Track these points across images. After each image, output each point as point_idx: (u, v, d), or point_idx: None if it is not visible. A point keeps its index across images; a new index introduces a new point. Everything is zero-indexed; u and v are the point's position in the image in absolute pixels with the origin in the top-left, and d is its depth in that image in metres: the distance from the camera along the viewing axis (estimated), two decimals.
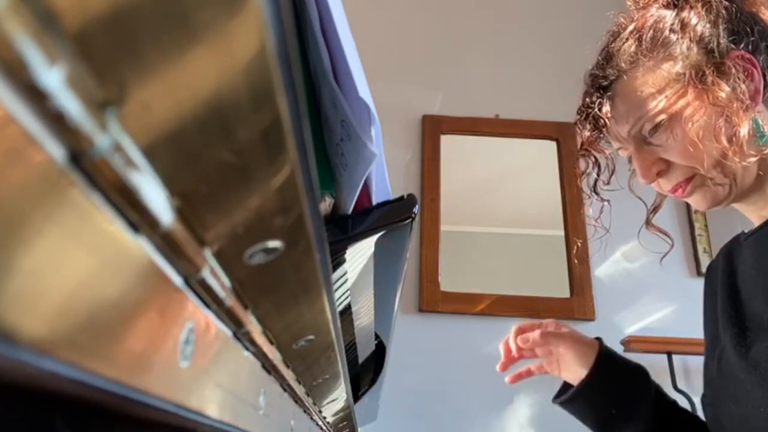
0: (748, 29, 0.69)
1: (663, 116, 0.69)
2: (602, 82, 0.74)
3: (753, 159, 0.66)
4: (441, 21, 2.59)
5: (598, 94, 0.74)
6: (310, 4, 0.42)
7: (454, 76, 2.47)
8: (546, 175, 2.34)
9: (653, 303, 2.11)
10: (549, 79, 2.42)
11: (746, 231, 0.77)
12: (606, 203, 0.84)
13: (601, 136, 0.76)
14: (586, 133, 0.77)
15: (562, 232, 2.23)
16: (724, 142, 0.65)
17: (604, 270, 2.17)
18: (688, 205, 2.25)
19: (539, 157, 2.43)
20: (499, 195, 2.77)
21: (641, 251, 2.19)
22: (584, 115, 0.76)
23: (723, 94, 0.65)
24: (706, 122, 0.66)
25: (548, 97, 2.38)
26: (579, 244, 2.09)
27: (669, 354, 1.86)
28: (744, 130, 0.64)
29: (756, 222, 0.74)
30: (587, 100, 0.76)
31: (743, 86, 0.66)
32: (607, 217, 0.85)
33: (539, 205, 2.46)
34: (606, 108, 0.73)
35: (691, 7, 0.70)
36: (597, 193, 0.84)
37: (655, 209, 0.86)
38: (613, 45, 0.74)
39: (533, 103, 2.40)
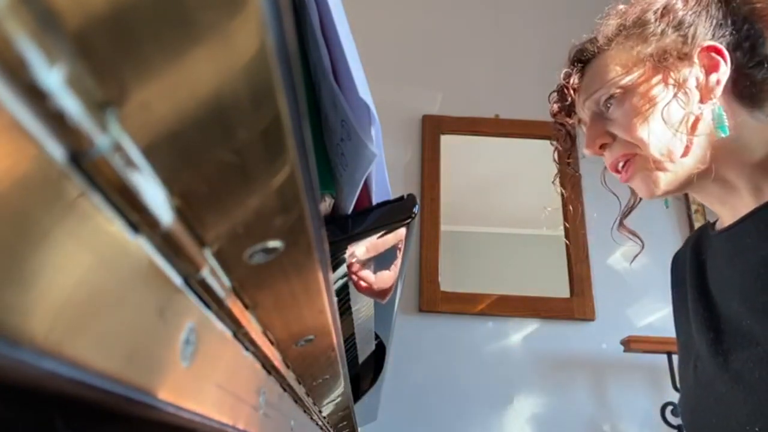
0: (734, 27, 0.68)
1: (618, 90, 0.69)
2: (581, 56, 0.75)
3: (700, 140, 0.65)
4: (441, 21, 2.58)
5: (572, 68, 0.76)
6: (310, 4, 0.42)
7: (454, 76, 2.47)
8: (546, 175, 2.33)
9: (653, 303, 2.10)
10: (549, 79, 2.41)
11: (712, 221, 0.76)
12: (578, 174, 0.86)
13: (565, 106, 0.77)
14: (554, 106, 0.77)
15: (562, 232, 2.23)
16: (672, 122, 0.65)
17: (604, 270, 2.17)
18: (688, 207, 2.25)
19: (539, 157, 2.42)
20: (499, 195, 2.77)
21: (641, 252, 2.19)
22: (556, 88, 0.78)
23: (680, 76, 0.66)
24: (657, 101, 0.67)
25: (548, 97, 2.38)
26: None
27: (669, 354, 1.86)
28: (691, 108, 0.65)
29: (717, 211, 0.73)
30: (562, 73, 0.77)
31: (702, 75, 0.66)
32: (608, 217, 0.85)
33: (539, 205, 2.45)
34: (575, 80, 0.75)
35: None
36: (560, 164, 0.85)
37: (629, 210, 0.86)
38: (600, 26, 0.75)
39: (533, 103, 2.39)
